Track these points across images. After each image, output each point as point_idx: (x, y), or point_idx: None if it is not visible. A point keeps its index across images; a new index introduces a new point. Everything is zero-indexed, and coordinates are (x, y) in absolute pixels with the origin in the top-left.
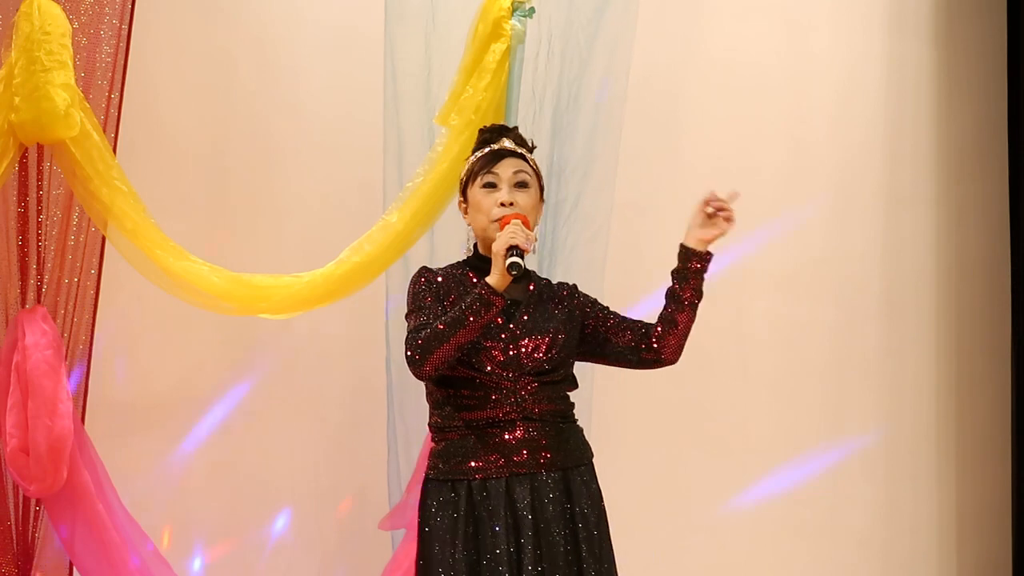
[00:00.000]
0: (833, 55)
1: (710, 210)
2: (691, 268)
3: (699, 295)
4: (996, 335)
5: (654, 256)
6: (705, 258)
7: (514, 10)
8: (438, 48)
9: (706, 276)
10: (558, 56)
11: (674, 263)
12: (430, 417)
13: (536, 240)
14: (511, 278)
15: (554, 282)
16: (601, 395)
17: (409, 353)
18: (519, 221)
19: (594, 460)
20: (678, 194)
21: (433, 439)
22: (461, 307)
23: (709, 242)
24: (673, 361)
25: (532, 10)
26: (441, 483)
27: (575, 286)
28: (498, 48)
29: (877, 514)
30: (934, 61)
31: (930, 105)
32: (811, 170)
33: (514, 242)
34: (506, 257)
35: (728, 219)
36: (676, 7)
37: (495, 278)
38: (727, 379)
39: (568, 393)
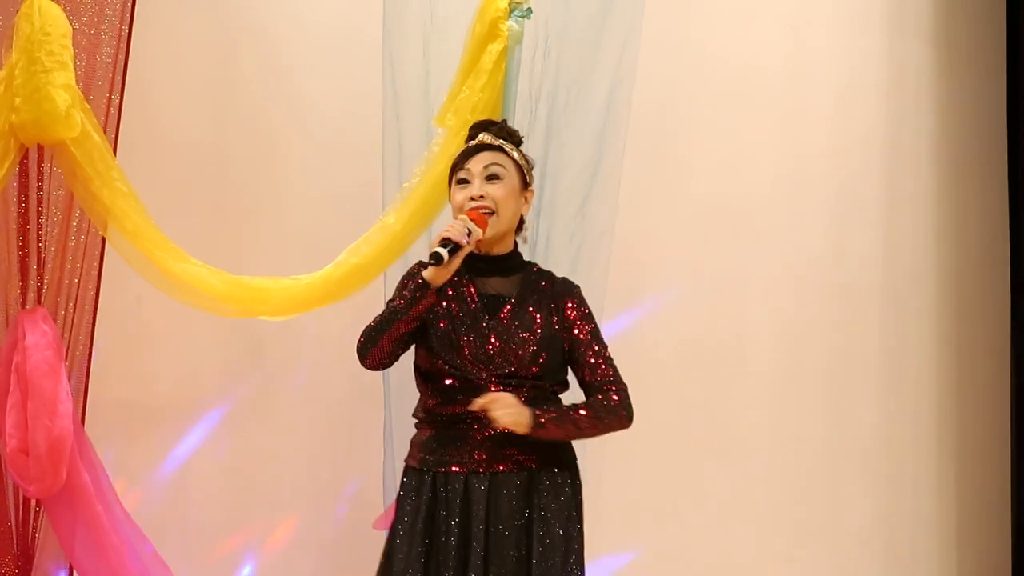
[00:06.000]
0: (833, 55)
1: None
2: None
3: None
4: (996, 335)
5: (657, 256)
6: (535, 432)
7: (511, 11)
8: (436, 48)
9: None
10: (555, 57)
11: (675, 263)
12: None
13: (498, 232)
14: (446, 270)
15: (559, 276)
16: None
17: (358, 343)
18: (466, 216)
19: (591, 460)
20: (680, 194)
21: (416, 427)
22: (395, 298)
23: (509, 427)
24: None
25: (529, 11)
26: (413, 471)
27: (572, 289)
28: (495, 49)
29: (877, 514)
30: (934, 61)
31: (930, 105)
32: (811, 170)
33: (447, 235)
34: (435, 246)
35: (493, 421)
36: (676, 8)
37: (427, 271)
38: (727, 379)
39: (557, 395)
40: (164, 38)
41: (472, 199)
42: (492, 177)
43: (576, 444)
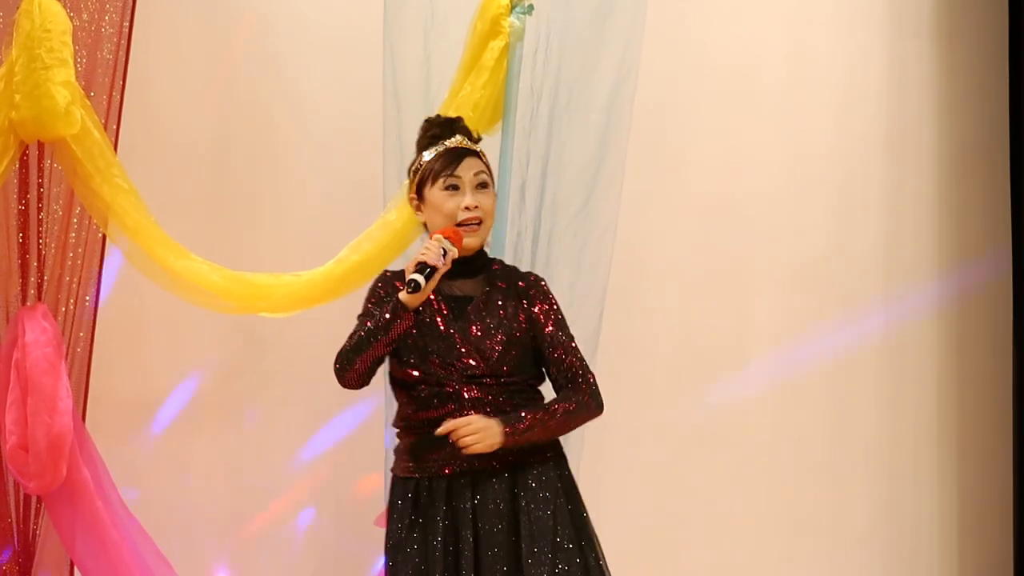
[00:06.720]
0: (834, 54)
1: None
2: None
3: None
4: (996, 335)
5: (657, 256)
6: (508, 444)
7: (513, 7)
8: (437, 45)
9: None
10: (556, 54)
11: (675, 263)
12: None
13: (468, 248)
14: (423, 293)
15: (524, 271)
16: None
17: (335, 365)
18: (441, 236)
19: (589, 460)
20: (680, 193)
21: (397, 436)
22: (375, 320)
23: (481, 451)
24: None
25: (531, 7)
26: (399, 480)
27: (537, 283)
28: (496, 46)
29: (878, 513)
30: (935, 60)
31: (931, 104)
32: (813, 169)
33: (422, 259)
34: (412, 272)
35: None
36: (677, 8)
37: (404, 294)
38: (727, 378)
39: (535, 390)
40: (164, 36)
41: (467, 208)
42: (482, 185)
43: (573, 444)
